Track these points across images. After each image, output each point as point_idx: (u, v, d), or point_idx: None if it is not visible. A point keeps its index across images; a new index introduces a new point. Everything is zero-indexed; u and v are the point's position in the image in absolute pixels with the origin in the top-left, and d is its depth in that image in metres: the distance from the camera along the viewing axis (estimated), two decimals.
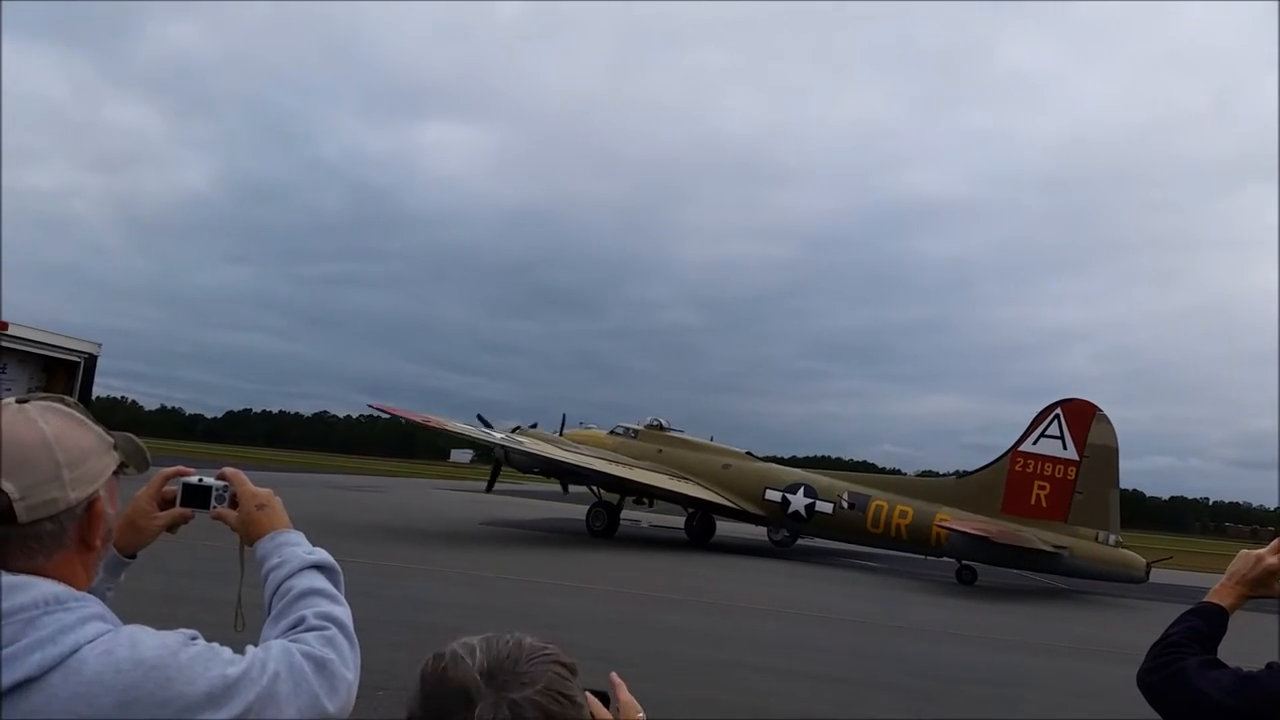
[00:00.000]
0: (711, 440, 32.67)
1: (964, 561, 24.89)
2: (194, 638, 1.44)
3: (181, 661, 1.34)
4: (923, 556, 27.04)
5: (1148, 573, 24.24)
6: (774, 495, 28.63)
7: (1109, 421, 25.34)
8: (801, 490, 28.41)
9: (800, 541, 31.03)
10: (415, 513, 31.83)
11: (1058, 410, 25.64)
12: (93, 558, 1.52)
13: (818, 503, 27.99)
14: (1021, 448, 25.78)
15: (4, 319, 5.86)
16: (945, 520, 25.19)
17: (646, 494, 30.71)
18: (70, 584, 1.41)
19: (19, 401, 1.46)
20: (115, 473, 1.54)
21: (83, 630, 1.33)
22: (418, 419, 27.82)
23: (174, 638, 1.40)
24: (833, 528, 28.37)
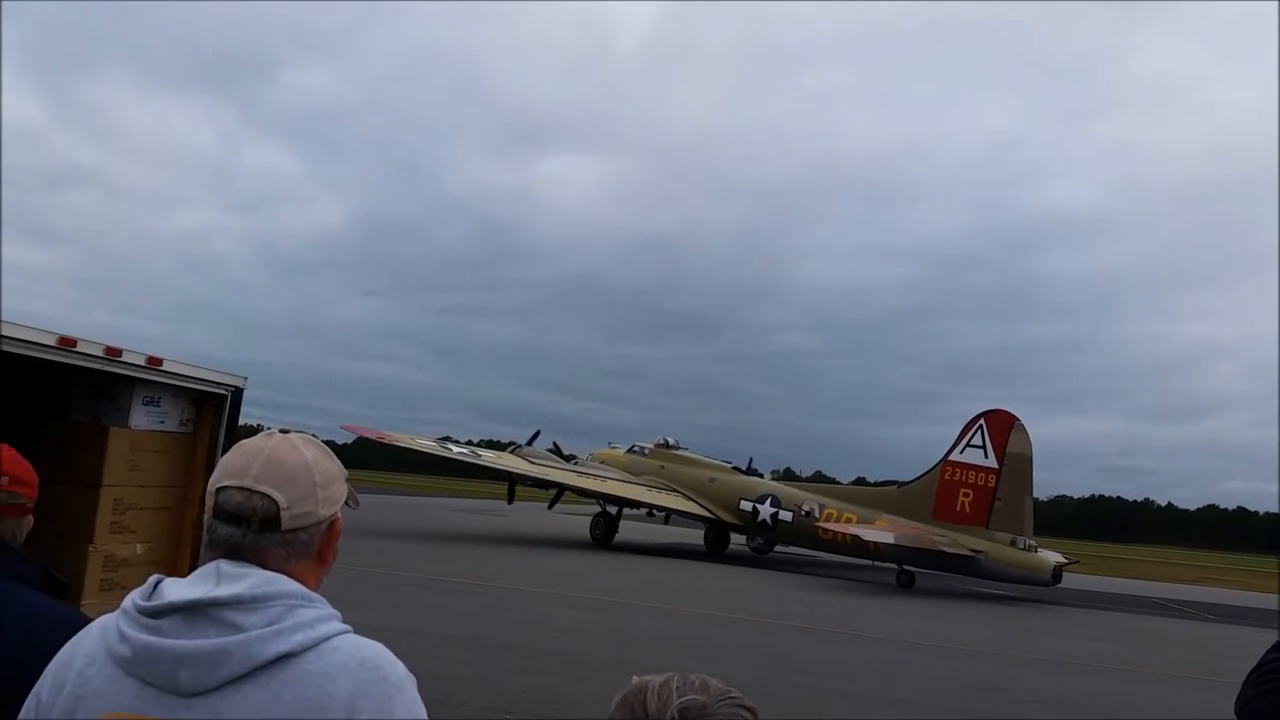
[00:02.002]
0: (741, 465, 34.46)
1: (903, 566, 26.19)
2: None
3: (408, 691, 1.58)
4: (870, 563, 28.40)
5: (1056, 577, 25.35)
6: (746, 505, 30.68)
7: (1026, 431, 26.56)
8: (769, 500, 30.38)
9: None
10: (534, 535, 32.87)
11: (981, 421, 26.95)
12: (324, 571, 1.75)
13: (781, 511, 29.89)
14: (950, 457, 27.09)
15: (158, 355, 6.27)
16: (846, 522, 27.64)
17: (622, 504, 32.20)
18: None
19: (281, 431, 1.75)
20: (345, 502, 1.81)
21: (329, 625, 1.58)
22: (381, 438, 29.24)
23: (405, 671, 1.61)
24: (793, 534, 30.10)
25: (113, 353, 5.87)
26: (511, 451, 32.69)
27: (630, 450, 35.12)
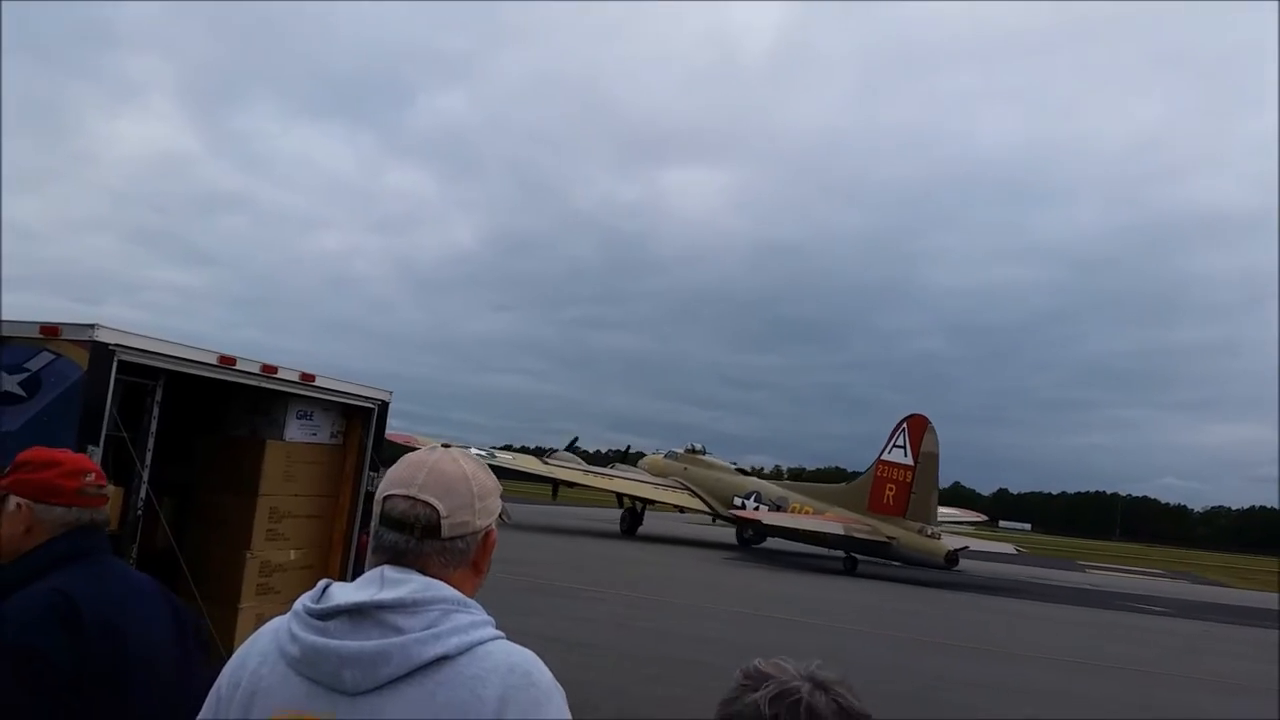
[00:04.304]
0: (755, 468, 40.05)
1: (850, 554, 29.94)
2: None
3: (555, 699, 1.63)
4: (827, 550, 31.66)
5: (950, 561, 28.39)
6: (738, 501, 35.05)
7: (935, 432, 30.20)
8: (753, 497, 35.00)
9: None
10: (665, 544, 33.76)
11: (904, 424, 30.68)
12: (479, 580, 1.82)
13: (761, 506, 34.30)
14: (883, 457, 31.00)
15: (310, 371, 6.57)
16: (805, 514, 32.00)
17: (636, 500, 37.38)
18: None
19: (444, 446, 1.85)
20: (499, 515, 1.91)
21: (484, 630, 1.65)
22: (408, 441, 29.49)
23: (553, 679, 1.66)
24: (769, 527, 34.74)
25: (269, 370, 6.17)
26: (546, 458, 37.83)
27: (667, 455, 40.78)
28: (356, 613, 1.62)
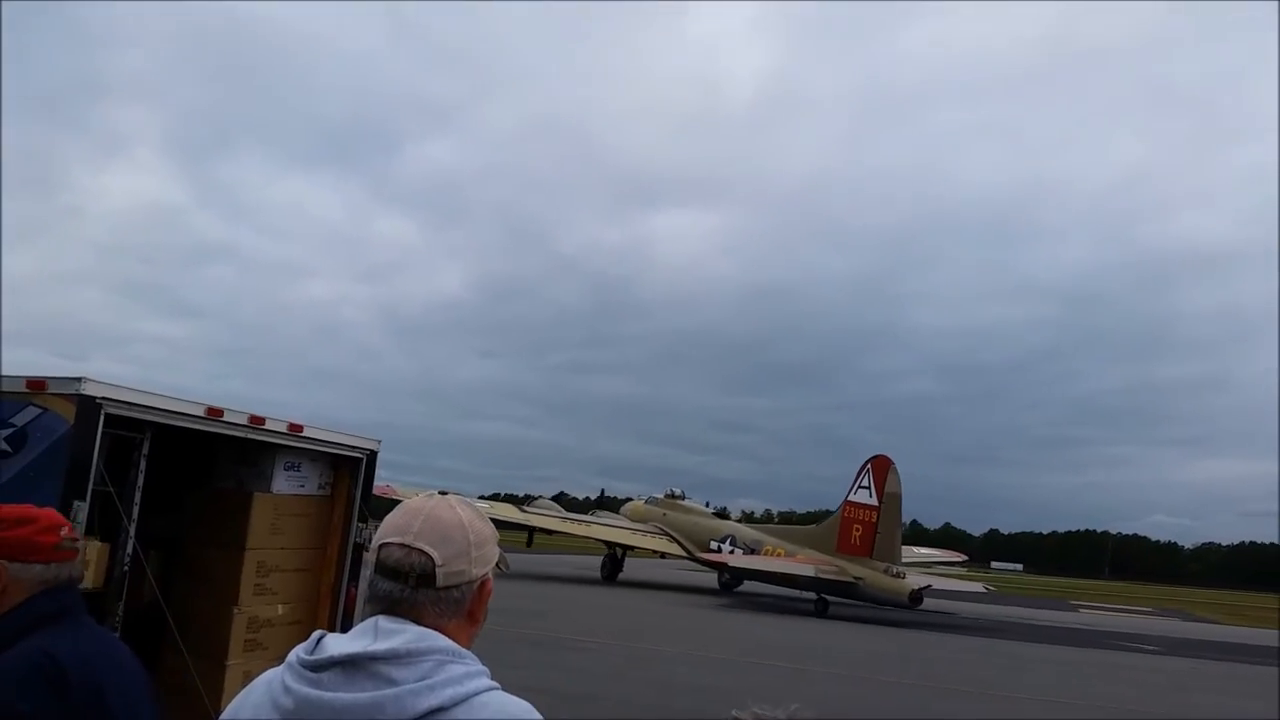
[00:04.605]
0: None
1: (821, 595, 29.90)
2: None
3: None
4: (798, 592, 31.42)
5: (915, 600, 28.76)
6: (714, 544, 35.65)
7: (898, 473, 30.52)
8: (728, 540, 35.63)
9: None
10: (648, 589, 34.16)
11: (868, 465, 31.11)
12: (475, 630, 1.80)
13: (736, 550, 34.73)
14: (849, 498, 31.31)
15: (299, 422, 6.54)
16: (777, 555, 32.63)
17: (616, 546, 37.91)
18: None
19: (440, 493, 1.83)
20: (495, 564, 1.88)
21: (479, 681, 1.62)
22: (386, 493, 30.51)
23: None
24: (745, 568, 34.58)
25: (257, 421, 6.15)
26: (525, 506, 38.22)
27: (648, 501, 41.63)
28: (350, 664, 1.60)
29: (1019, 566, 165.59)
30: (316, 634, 1.72)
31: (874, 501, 30.44)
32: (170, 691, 6.30)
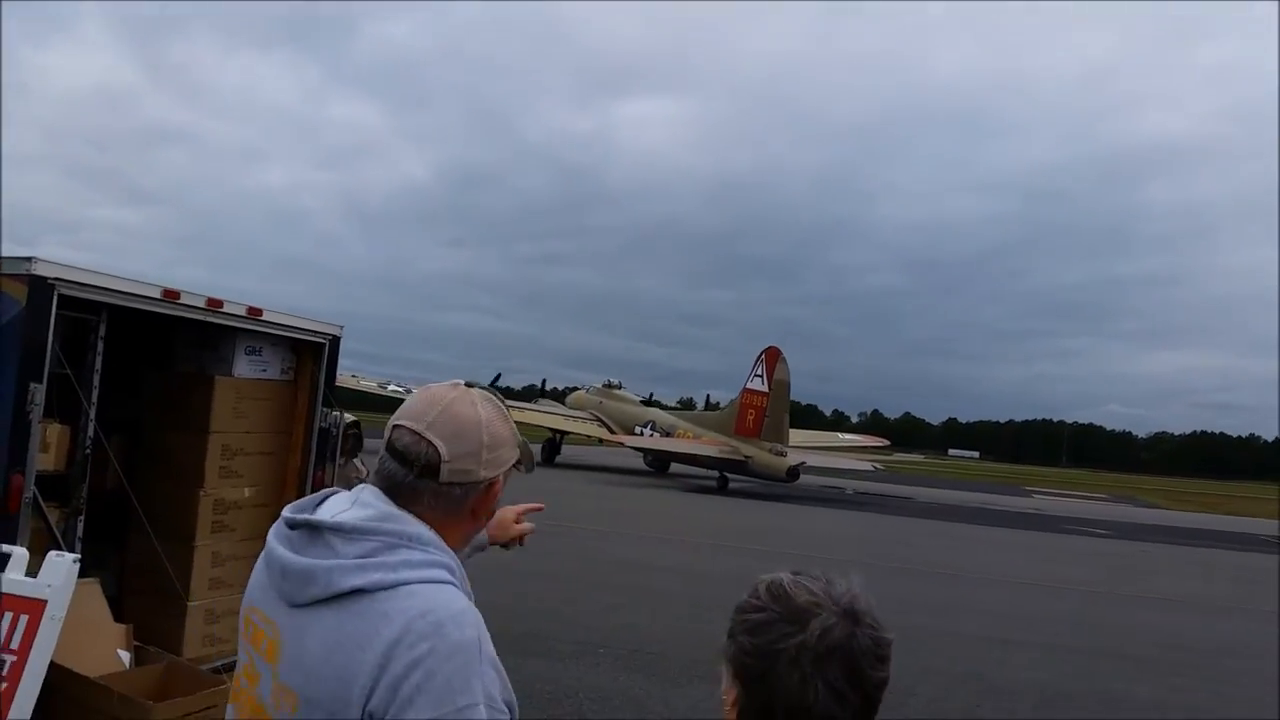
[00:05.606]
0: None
1: (722, 473, 33.13)
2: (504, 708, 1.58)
3: (457, 658, 1.47)
4: (707, 470, 34.56)
5: (792, 475, 32.07)
6: (638, 429, 38.60)
7: (786, 361, 33.16)
8: (649, 425, 38.61)
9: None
10: (585, 470, 35.29)
11: (762, 355, 33.73)
12: (472, 528, 1.79)
13: (655, 434, 37.87)
14: (746, 385, 34.03)
15: (258, 306, 6.46)
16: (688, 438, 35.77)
17: (555, 431, 40.78)
18: (446, 540, 1.65)
19: (467, 385, 1.75)
20: (512, 466, 1.80)
21: (424, 571, 1.56)
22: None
23: (491, 674, 1.53)
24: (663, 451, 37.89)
25: (214, 304, 6.06)
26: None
27: (588, 390, 45.04)
28: (311, 528, 1.61)
29: (976, 454, 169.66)
30: (324, 492, 1.74)
31: (765, 388, 33.22)
32: (140, 571, 6.39)
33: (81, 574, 5.36)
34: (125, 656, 5.34)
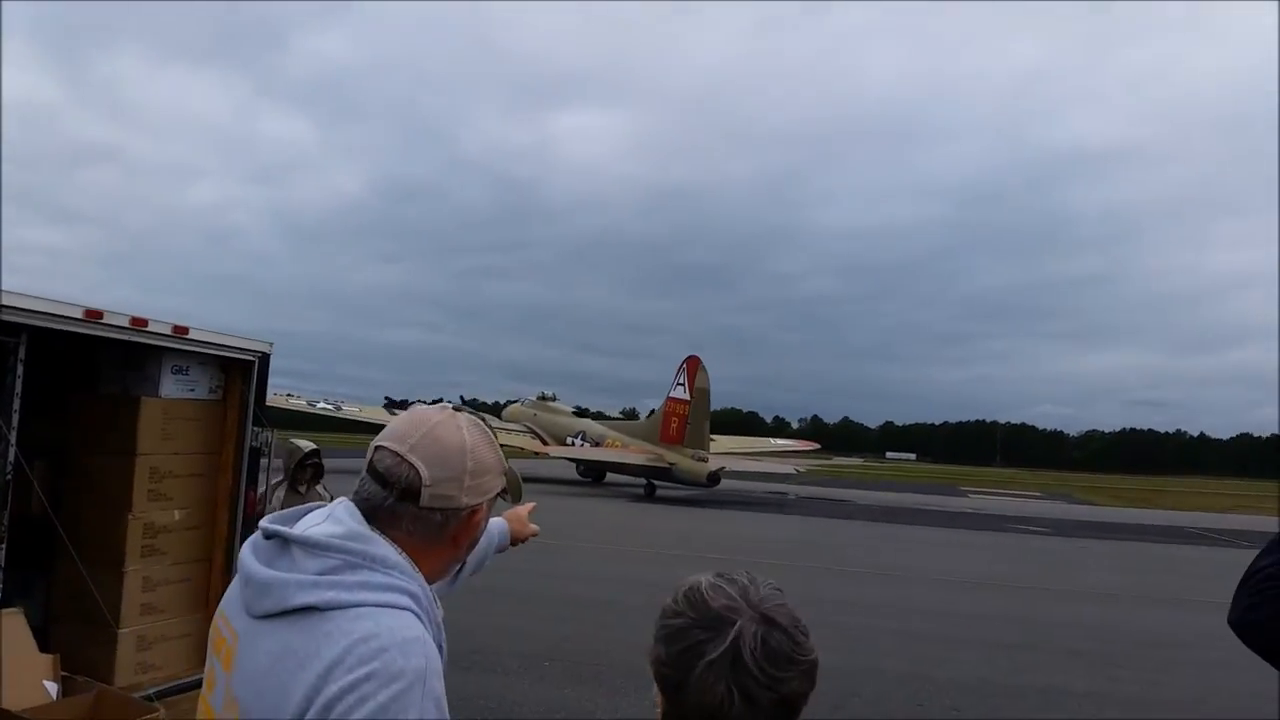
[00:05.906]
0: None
1: (649, 480, 34.10)
2: None
3: (394, 686, 1.39)
4: (634, 478, 35.59)
5: (712, 480, 32.98)
6: (570, 440, 39.64)
7: (706, 370, 34.15)
8: (580, 436, 39.63)
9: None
10: (541, 485, 34.21)
11: (684, 364, 34.81)
12: (452, 557, 1.71)
13: (585, 444, 38.94)
14: (670, 395, 35.21)
15: (183, 324, 6.32)
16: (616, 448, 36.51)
17: None
18: (421, 568, 1.60)
19: (455, 409, 1.71)
20: (496, 495, 1.75)
21: (381, 594, 1.51)
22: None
23: (432, 712, 1.44)
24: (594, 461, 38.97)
25: (139, 323, 5.92)
26: (394, 409, 39.21)
27: (523, 403, 46.78)
28: (280, 540, 1.59)
29: (913, 456, 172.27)
30: (308, 506, 1.72)
31: (686, 396, 34.27)
32: (67, 598, 6.20)
33: (4, 603, 5.19)
34: (52, 688, 5.18)
